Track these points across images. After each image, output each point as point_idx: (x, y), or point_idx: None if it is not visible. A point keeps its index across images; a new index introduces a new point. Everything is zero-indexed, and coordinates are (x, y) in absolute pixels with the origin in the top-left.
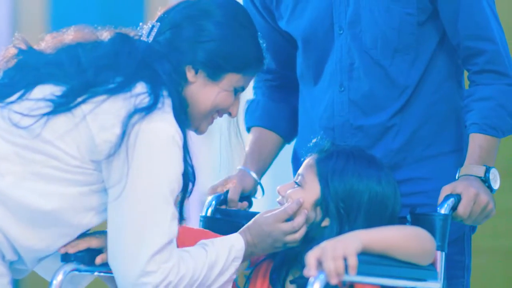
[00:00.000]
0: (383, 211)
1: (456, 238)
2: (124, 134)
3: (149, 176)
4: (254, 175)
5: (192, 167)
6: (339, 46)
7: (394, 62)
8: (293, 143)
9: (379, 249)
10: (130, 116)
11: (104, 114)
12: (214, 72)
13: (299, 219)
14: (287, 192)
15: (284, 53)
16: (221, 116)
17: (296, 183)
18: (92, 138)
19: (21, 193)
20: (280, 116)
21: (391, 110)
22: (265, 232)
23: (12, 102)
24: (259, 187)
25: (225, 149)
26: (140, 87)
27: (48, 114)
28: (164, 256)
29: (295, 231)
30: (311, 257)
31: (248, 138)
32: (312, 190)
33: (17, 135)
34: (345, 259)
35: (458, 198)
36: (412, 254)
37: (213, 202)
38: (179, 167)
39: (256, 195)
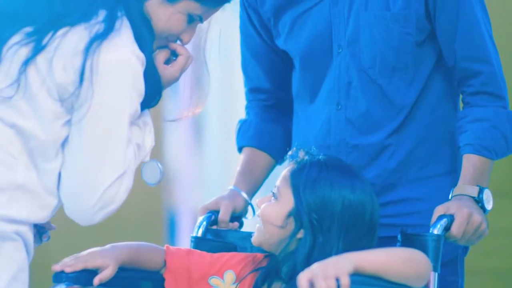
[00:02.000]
0: (359, 219)
1: (450, 259)
2: (84, 65)
3: (110, 102)
4: (245, 195)
5: (158, 79)
6: (338, 64)
7: (392, 81)
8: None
9: (371, 271)
10: (88, 46)
11: (64, 48)
12: None
13: None
14: (261, 208)
15: (279, 73)
16: (174, 41)
17: (273, 194)
18: (56, 74)
19: None
20: (272, 137)
21: (387, 129)
22: None
23: None
24: (250, 207)
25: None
26: (101, 15)
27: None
28: (119, 183)
29: None
30: (302, 279)
31: (240, 158)
32: (286, 202)
33: None
34: (337, 279)
35: (451, 218)
36: (406, 277)
37: (204, 223)
38: (137, 92)
39: (247, 216)
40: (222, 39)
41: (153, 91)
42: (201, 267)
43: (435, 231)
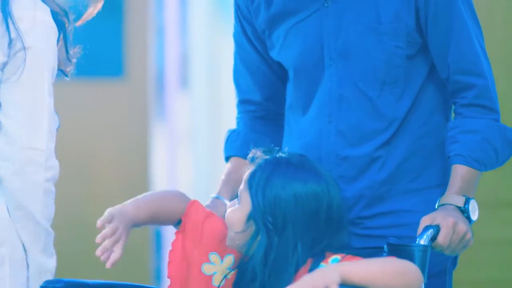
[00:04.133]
0: (316, 211)
1: (439, 271)
2: (7, 25)
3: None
4: (228, 203)
5: (65, 12)
6: (329, 77)
7: (382, 94)
8: None
9: (359, 282)
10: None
11: None
12: None
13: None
14: (226, 214)
15: (271, 86)
16: None
17: (237, 198)
18: None
19: None
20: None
21: (377, 141)
22: None
23: None
24: None
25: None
26: None
27: None
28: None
29: None
30: None
31: (225, 167)
32: (245, 206)
33: None
34: None
35: (437, 228)
36: None
37: None
38: (52, 46)
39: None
40: (210, 48)
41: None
42: (209, 241)
43: (422, 242)
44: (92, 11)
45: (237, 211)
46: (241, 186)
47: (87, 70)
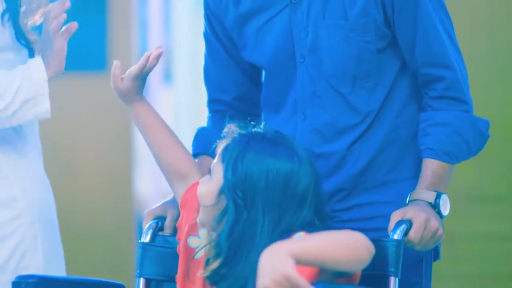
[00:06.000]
0: (289, 188)
1: (416, 261)
2: None
3: None
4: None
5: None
6: (301, 74)
7: (354, 89)
8: None
9: (308, 261)
10: None
11: None
12: None
13: None
14: (198, 188)
15: (241, 86)
16: None
17: (209, 172)
18: None
19: None
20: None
21: (352, 136)
22: None
23: None
24: None
25: None
26: None
27: None
28: None
29: None
30: None
31: None
32: (218, 179)
33: None
34: None
35: (409, 224)
36: (344, 264)
37: (152, 229)
38: None
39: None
40: (193, 43)
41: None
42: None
43: (395, 236)
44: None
45: (208, 185)
46: (215, 160)
47: (71, 64)
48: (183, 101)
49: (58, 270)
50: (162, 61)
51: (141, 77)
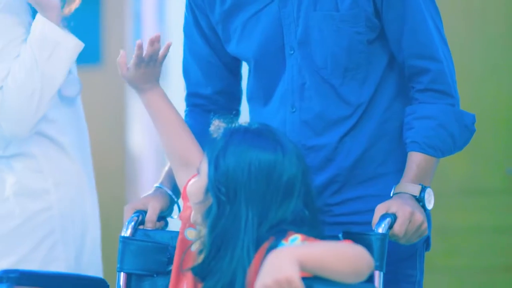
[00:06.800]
0: (273, 179)
1: (410, 254)
2: None
3: None
4: (171, 194)
5: None
6: (291, 66)
7: (345, 81)
8: None
9: (311, 269)
10: None
11: None
12: None
13: None
14: (187, 186)
15: (222, 80)
16: None
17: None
18: None
19: None
20: (205, 141)
21: (343, 129)
22: None
23: None
24: (176, 206)
25: None
26: None
27: None
28: None
29: None
30: None
31: None
32: (204, 176)
33: None
34: None
35: (394, 217)
36: (344, 276)
37: (133, 223)
38: None
39: (173, 215)
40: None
41: None
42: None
43: (380, 230)
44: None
45: (196, 182)
46: (203, 157)
47: None
48: (177, 93)
49: (93, 265)
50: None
51: (147, 66)
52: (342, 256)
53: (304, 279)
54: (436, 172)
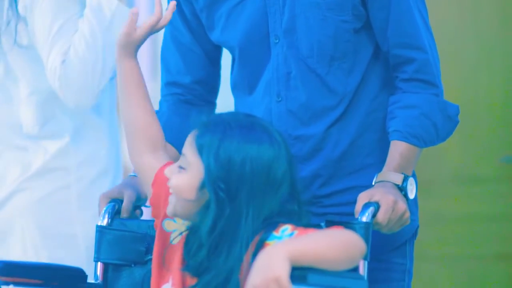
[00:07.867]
0: (271, 174)
1: (401, 244)
2: None
3: None
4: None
5: None
6: (276, 55)
7: (331, 70)
8: None
9: (304, 263)
10: None
11: None
12: None
13: None
14: (172, 180)
15: (202, 69)
16: None
17: (180, 166)
18: None
19: None
20: (181, 132)
21: (329, 119)
22: None
23: None
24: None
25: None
26: None
27: None
28: None
29: None
30: None
31: None
32: (197, 172)
33: None
34: None
35: (377, 206)
36: (337, 264)
37: (109, 211)
38: None
39: (147, 203)
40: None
41: None
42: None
43: (364, 219)
44: None
45: (186, 178)
46: (187, 150)
47: None
48: None
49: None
50: (149, 41)
51: (148, 34)
52: (335, 244)
53: (297, 269)
54: (429, 160)
